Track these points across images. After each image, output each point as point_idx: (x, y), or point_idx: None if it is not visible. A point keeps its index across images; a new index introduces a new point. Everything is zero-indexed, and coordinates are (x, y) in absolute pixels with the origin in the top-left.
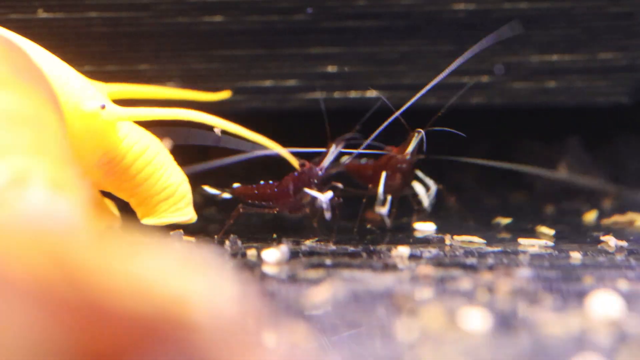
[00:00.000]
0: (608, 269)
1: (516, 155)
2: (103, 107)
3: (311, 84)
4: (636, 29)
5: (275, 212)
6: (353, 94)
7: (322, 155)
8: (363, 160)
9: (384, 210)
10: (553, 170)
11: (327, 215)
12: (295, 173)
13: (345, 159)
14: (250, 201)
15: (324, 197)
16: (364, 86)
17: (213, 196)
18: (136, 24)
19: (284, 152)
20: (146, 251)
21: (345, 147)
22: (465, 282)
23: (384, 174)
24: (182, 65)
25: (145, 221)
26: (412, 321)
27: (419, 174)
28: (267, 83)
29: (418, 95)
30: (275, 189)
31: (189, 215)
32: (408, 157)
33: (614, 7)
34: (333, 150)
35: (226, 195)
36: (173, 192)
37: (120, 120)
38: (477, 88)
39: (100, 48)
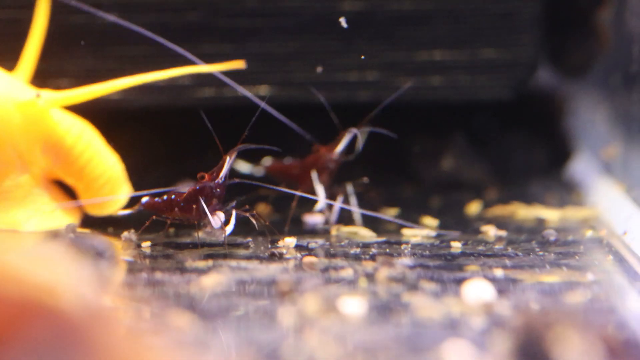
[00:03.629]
0: (486, 258)
1: (404, 150)
2: (38, 95)
3: (204, 81)
4: (516, 28)
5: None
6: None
7: (218, 167)
8: (286, 160)
9: (321, 209)
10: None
11: (220, 234)
12: (197, 187)
13: (266, 161)
14: (159, 215)
15: (214, 222)
16: (256, 83)
17: (127, 217)
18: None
19: None
20: (23, 244)
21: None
22: (347, 270)
23: (314, 173)
24: (76, 63)
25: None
26: (294, 307)
27: (348, 188)
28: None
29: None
30: (182, 204)
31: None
32: (336, 156)
33: (495, 7)
34: (228, 161)
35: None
36: (113, 174)
37: (56, 104)
38: (364, 85)
39: None
